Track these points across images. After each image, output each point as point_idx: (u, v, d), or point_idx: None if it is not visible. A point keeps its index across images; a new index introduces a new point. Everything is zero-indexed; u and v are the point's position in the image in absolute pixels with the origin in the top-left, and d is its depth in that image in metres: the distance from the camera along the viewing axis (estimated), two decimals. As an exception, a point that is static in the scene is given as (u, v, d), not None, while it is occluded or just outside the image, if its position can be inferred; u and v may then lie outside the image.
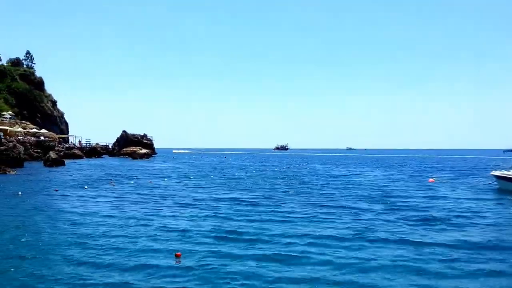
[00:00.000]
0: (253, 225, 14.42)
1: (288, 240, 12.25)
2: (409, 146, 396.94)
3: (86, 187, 27.45)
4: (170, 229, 13.77)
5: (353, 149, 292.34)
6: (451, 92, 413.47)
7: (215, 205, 19.53)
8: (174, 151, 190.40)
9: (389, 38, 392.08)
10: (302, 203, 20.09)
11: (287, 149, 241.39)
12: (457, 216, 16.49)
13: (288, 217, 16.18)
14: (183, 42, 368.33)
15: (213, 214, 16.67)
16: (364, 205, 19.46)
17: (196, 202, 20.41)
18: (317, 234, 13.03)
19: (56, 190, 25.01)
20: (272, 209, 18.11)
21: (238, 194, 23.89)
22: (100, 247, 11.27)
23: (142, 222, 15.04)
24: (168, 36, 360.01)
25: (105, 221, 15.07)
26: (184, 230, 13.51)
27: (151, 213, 16.97)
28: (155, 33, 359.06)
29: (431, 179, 33.88)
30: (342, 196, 23.31)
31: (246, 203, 20.21)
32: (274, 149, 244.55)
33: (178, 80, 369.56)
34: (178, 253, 10.64)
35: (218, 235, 12.84)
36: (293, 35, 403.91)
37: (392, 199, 21.63)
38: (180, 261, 10.06)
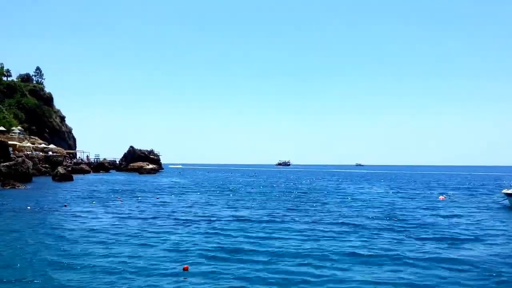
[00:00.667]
0: (266, 243, 14.32)
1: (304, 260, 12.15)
2: (419, 162, 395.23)
3: (94, 202, 27.53)
4: (178, 245, 13.74)
5: (362, 165, 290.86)
6: (462, 108, 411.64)
7: (223, 222, 19.46)
8: (170, 165, 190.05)
9: (398, 53, 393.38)
10: (324, 222, 19.95)
11: (289, 165, 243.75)
12: (472, 235, 16.30)
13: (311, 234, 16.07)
14: (191, 61, 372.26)
15: (221, 232, 16.59)
16: (373, 223, 19.30)
17: (204, 219, 20.35)
18: (341, 251, 12.92)
19: (66, 206, 25.08)
20: (287, 226, 18.01)
21: (252, 212, 23.80)
22: (110, 263, 11.27)
23: (149, 238, 15.04)
24: (173, 54, 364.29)
25: (112, 237, 15.07)
26: (194, 244, 13.52)
27: (159, 230, 16.94)
28: (161, 50, 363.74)
29: (441, 197, 33.63)
30: (356, 213, 23.15)
31: (259, 221, 20.08)
32: (276, 165, 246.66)
33: (181, 96, 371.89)
34: (186, 266, 10.71)
35: (223, 255, 12.58)
36: (299, 51, 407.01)
37: (405, 217, 21.43)
38: (187, 278, 10.02)
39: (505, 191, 27.86)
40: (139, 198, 30.91)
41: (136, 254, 12.45)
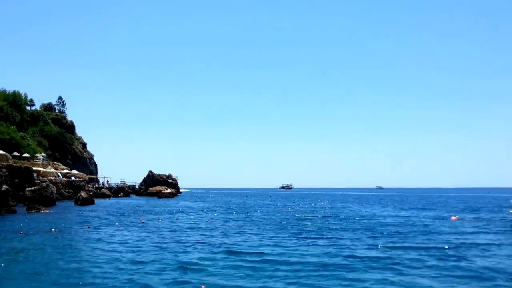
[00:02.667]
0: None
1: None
2: (438, 184, 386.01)
3: (117, 224, 27.94)
4: (200, 265, 13.82)
5: (382, 188, 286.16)
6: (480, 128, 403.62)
7: (243, 245, 19.51)
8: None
9: (415, 76, 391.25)
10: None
11: (291, 188, 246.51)
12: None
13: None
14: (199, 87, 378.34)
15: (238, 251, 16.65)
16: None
17: (227, 242, 20.45)
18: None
19: (89, 227, 25.55)
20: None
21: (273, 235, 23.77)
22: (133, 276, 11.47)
23: (173, 258, 15.23)
24: (182, 81, 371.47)
25: (134, 255, 15.30)
26: (216, 267, 13.53)
27: (181, 250, 17.12)
28: (175, 77, 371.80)
29: (453, 217, 33.12)
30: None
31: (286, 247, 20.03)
32: (279, 188, 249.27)
33: (187, 122, 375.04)
34: (203, 287, 10.59)
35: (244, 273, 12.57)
36: (312, 73, 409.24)
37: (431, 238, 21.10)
38: None
39: None
40: (160, 220, 31.17)
41: (163, 270, 12.64)
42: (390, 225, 26.81)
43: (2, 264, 13.76)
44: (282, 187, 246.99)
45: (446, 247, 16.84)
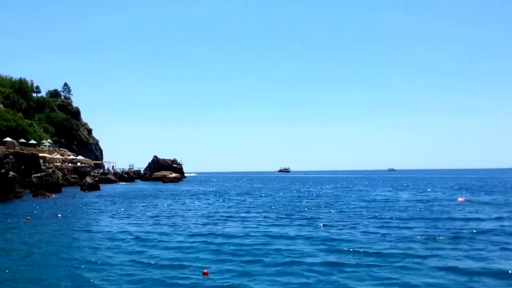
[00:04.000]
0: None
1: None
2: (454, 165, 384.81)
3: (122, 209, 28.45)
4: (202, 248, 14.12)
5: (395, 170, 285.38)
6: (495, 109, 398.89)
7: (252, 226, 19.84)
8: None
9: (426, 55, 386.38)
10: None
11: (289, 171, 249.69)
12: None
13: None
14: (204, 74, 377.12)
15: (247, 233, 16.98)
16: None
17: (233, 223, 20.82)
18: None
19: (95, 212, 26.10)
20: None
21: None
22: (136, 259, 11.85)
23: (175, 240, 15.62)
24: (185, 67, 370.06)
25: (139, 242, 15.71)
26: (216, 250, 13.77)
27: (185, 233, 17.50)
28: (178, 63, 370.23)
29: (460, 199, 33.22)
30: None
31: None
32: (277, 171, 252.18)
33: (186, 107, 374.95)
34: (206, 271, 10.66)
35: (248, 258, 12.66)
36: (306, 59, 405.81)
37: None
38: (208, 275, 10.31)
39: None
40: (165, 206, 31.68)
41: (159, 254, 13.02)
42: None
43: (9, 249, 14.21)
44: (280, 171, 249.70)
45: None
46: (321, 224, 19.15)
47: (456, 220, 19.99)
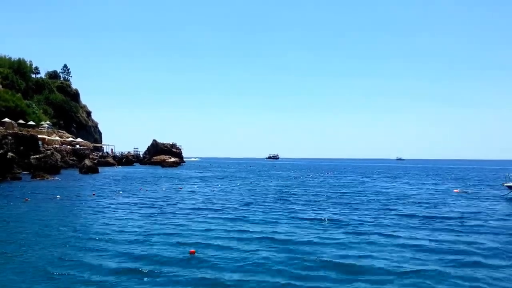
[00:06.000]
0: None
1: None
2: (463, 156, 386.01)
3: (120, 192, 28.50)
4: (193, 228, 14.52)
5: (403, 159, 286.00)
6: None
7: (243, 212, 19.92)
8: None
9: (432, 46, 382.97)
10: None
11: (277, 158, 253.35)
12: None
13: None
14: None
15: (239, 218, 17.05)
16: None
17: (230, 208, 20.89)
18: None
19: (94, 195, 26.15)
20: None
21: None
22: (131, 236, 11.92)
23: (170, 221, 15.69)
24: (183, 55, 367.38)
25: (137, 222, 15.77)
26: (207, 230, 14.14)
27: (180, 215, 17.57)
28: (177, 50, 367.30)
29: (456, 190, 33.36)
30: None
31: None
32: (266, 158, 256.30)
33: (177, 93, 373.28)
34: (193, 250, 11.14)
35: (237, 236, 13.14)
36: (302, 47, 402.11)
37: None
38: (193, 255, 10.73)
39: (506, 184, 27.90)
40: (164, 189, 31.73)
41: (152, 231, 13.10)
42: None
43: (9, 229, 14.25)
44: (269, 157, 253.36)
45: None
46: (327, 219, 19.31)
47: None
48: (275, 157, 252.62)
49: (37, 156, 46.84)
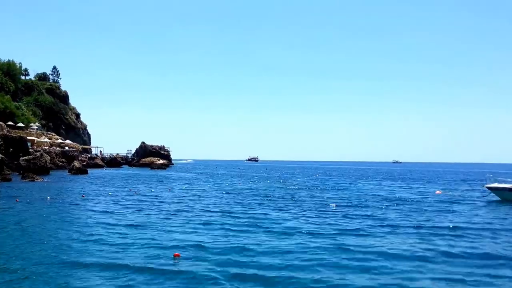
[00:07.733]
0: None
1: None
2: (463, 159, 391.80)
3: (110, 193, 29.39)
4: (178, 231, 15.37)
5: (400, 162, 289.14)
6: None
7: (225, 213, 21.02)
8: None
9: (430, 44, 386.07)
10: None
11: (257, 160, 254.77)
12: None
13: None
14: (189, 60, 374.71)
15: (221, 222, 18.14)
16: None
17: (217, 211, 21.96)
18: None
19: (83, 196, 27.00)
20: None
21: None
22: (120, 239, 12.95)
23: (159, 223, 16.73)
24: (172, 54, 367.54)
25: (124, 219, 16.76)
26: (192, 232, 14.99)
27: (168, 216, 18.61)
28: (165, 51, 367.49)
29: (438, 191, 34.78)
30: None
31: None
32: (246, 160, 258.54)
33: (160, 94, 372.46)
34: (177, 253, 11.33)
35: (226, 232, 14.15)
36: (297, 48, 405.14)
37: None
38: (177, 261, 10.84)
39: (488, 185, 28.11)
40: (153, 191, 32.65)
41: (146, 233, 14.13)
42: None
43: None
44: (249, 160, 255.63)
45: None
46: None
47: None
48: (254, 160, 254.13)
49: (27, 157, 47.43)
